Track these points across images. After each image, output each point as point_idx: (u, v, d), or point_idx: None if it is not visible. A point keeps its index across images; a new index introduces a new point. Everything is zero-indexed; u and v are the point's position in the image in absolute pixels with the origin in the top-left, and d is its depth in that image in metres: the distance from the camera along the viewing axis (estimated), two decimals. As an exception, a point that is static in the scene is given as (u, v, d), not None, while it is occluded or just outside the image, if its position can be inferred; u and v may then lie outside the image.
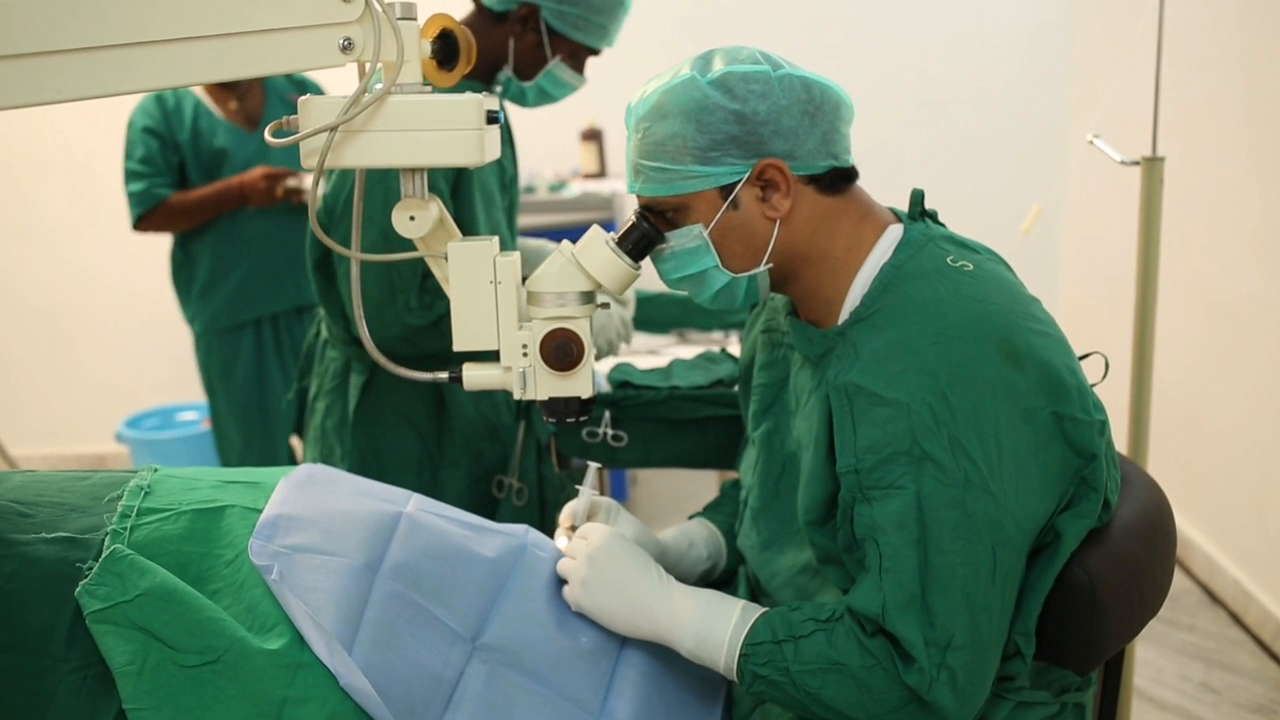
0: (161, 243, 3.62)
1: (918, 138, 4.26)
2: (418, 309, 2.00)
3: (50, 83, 1.07)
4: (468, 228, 2.04)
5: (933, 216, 1.44)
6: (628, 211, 3.94)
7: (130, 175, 3.09)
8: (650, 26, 3.76)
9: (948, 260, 1.34)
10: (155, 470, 1.39)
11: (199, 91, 3.15)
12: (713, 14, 4.25)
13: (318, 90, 3.24)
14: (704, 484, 3.74)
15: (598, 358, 2.17)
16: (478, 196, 2.07)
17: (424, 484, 2.21)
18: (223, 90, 3.18)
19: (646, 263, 1.40)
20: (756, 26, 4.22)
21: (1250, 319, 3.11)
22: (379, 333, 1.98)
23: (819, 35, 4.19)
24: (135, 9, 1.09)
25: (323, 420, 2.28)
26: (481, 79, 2.13)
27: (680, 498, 4.05)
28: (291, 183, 3.10)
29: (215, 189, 3.10)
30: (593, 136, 4.19)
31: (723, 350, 2.24)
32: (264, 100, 3.25)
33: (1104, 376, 1.47)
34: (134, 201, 3.10)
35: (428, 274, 1.99)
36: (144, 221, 3.12)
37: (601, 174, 4.22)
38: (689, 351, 2.37)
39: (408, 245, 1.40)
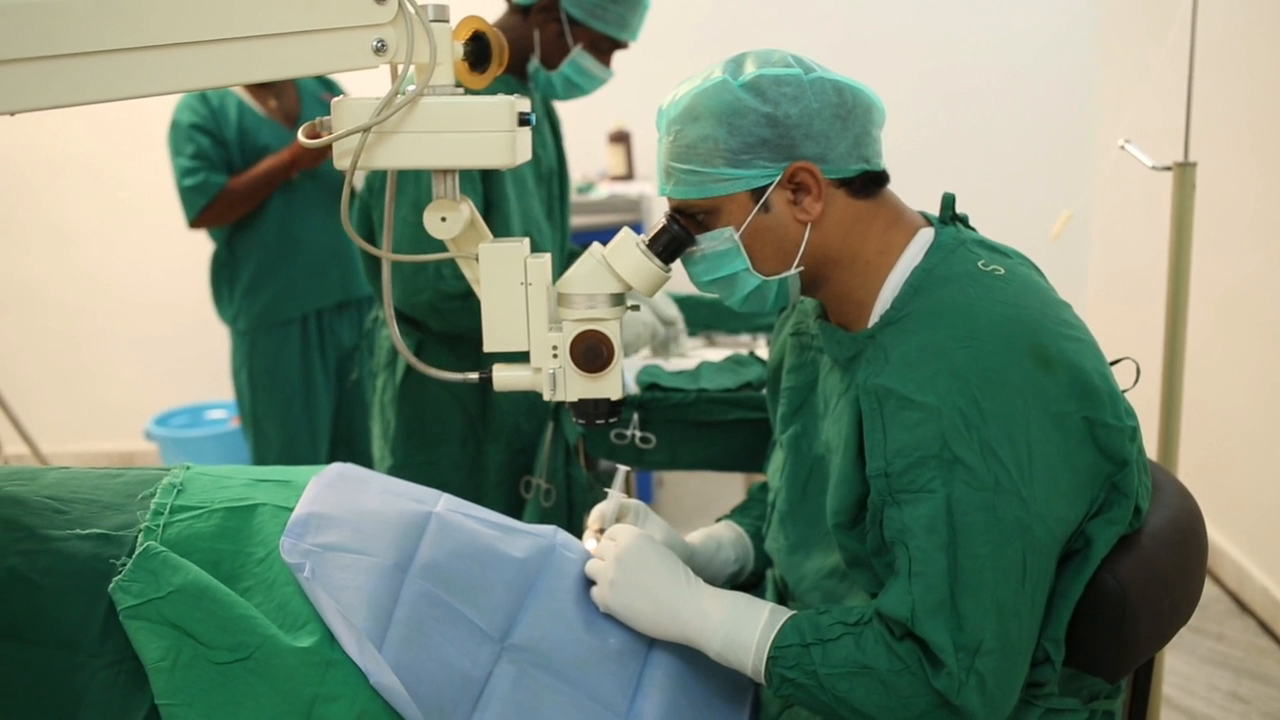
0: (189, 243, 3.65)
1: (945, 142, 4.24)
2: (449, 276, 2.03)
3: (91, 83, 1.08)
4: (498, 211, 2.07)
5: (964, 221, 1.44)
6: (655, 214, 3.96)
7: (184, 172, 3.09)
8: (677, 28, 3.78)
9: (979, 264, 1.33)
10: (187, 468, 1.41)
11: (240, 90, 3.18)
12: (738, 16, 4.25)
13: (340, 91, 3.28)
14: (729, 487, 3.74)
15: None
16: (509, 182, 2.11)
17: (468, 455, 2.29)
18: (261, 89, 3.22)
19: (676, 265, 1.40)
20: (782, 29, 4.22)
21: (1282, 326, 3.09)
22: (410, 299, 2.05)
23: (845, 38, 4.18)
24: (174, 11, 1.10)
25: (380, 395, 2.37)
26: (514, 72, 2.19)
27: (706, 500, 4.05)
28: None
29: (265, 165, 3.12)
30: (620, 139, 4.19)
31: (751, 353, 2.24)
32: (299, 99, 3.29)
33: (1135, 382, 1.46)
34: (193, 195, 3.09)
35: None
36: (204, 214, 3.12)
37: (629, 176, 4.22)
38: (717, 354, 2.37)
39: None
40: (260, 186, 3.13)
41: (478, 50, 1.28)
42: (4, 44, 1.03)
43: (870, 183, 1.37)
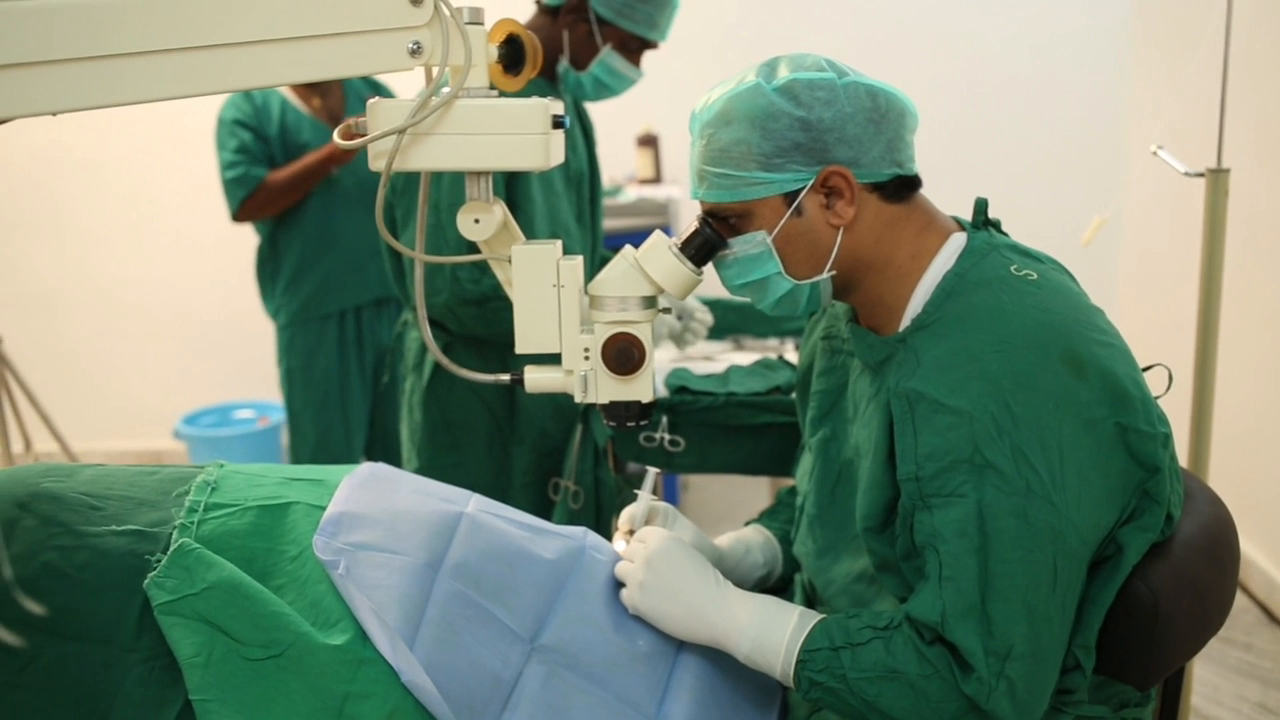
0: (219, 244, 3.68)
1: (976, 147, 4.22)
2: (466, 278, 2.04)
3: (134, 84, 1.09)
4: (522, 214, 2.08)
5: (996, 225, 1.44)
6: (684, 217, 3.96)
7: (226, 165, 3.15)
8: (705, 32, 3.78)
9: (1011, 269, 1.33)
10: (221, 466, 1.42)
11: (284, 89, 3.21)
12: (766, 21, 4.25)
13: (389, 93, 3.31)
14: (755, 491, 3.74)
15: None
16: (535, 185, 2.12)
17: (494, 458, 2.30)
18: (306, 87, 3.26)
19: (707, 268, 1.40)
20: (810, 32, 4.21)
21: (1314, 334, 3.07)
22: (427, 299, 2.04)
23: (876, 41, 4.17)
24: (216, 13, 1.11)
25: (409, 397, 2.37)
26: (543, 74, 2.20)
27: (731, 504, 4.05)
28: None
29: (305, 160, 3.15)
30: (648, 142, 4.19)
31: (780, 357, 2.24)
32: (344, 99, 3.33)
33: (1167, 389, 1.45)
34: (235, 187, 3.14)
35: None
36: (245, 206, 3.16)
37: (657, 179, 4.22)
38: (745, 358, 2.37)
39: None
40: (300, 181, 3.16)
41: (512, 53, 1.29)
42: (49, 45, 1.04)
43: (903, 187, 1.37)
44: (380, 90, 3.36)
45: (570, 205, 2.31)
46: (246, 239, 3.46)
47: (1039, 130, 4.29)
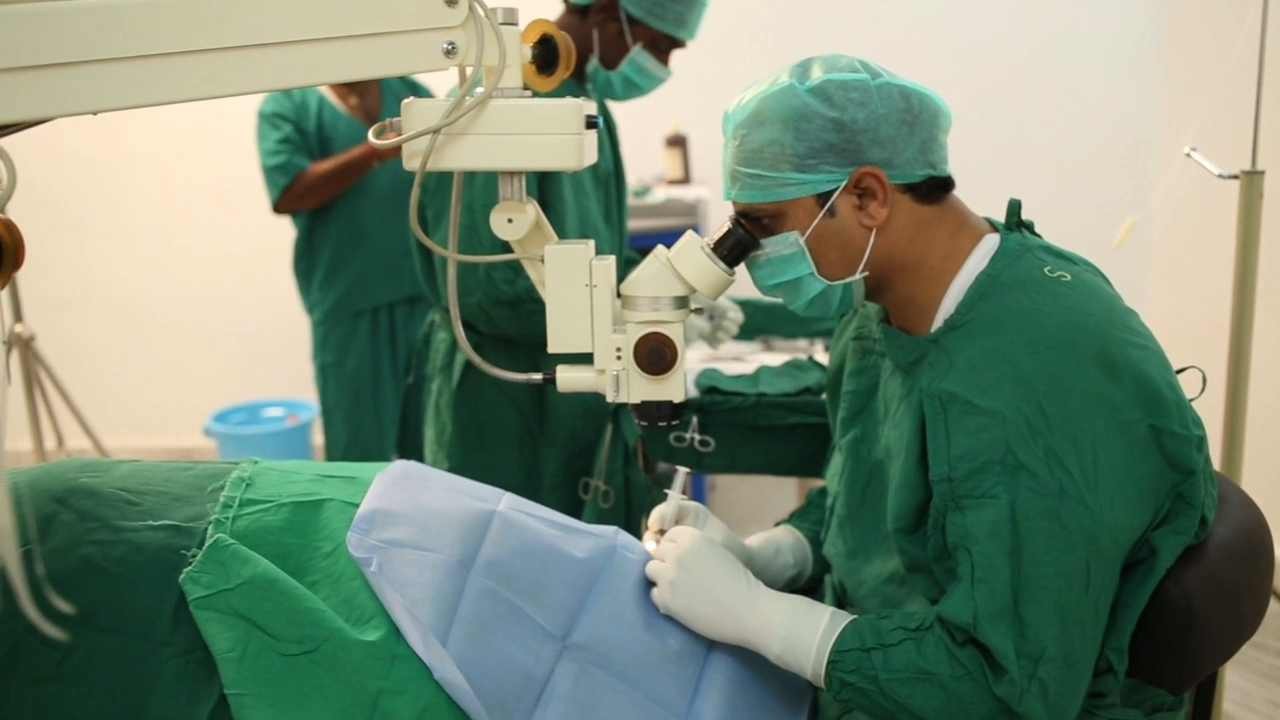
0: (251, 243, 3.70)
1: (1007, 148, 4.20)
2: (501, 279, 2.05)
3: (171, 83, 1.10)
4: (554, 213, 2.09)
5: (1029, 227, 1.43)
6: (712, 217, 3.96)
7: (269, 153, 3.17)
8: (733, 32, 3.77)
9: (1045, 270, 1.33)
10: (255, 462, 1.43)
11: (322, 87, 3.23)
12: (794, 21, 4.24)
13: (427, 93, 3.33)
14: (782, 492, 3.73)
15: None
16: (566, 185, 2.13)
17: (524, 459, 2.30)
18: (344, 87, 3.28)
19: (739, 269, 1.40)
20: (839, 33, 4.20)
21: (1348, 337, 3.04)
22: (460, 299, 2.04)
23: (906, 42, 4.15)
24: (252, 14, 1.12)
25: (436, 399, 2.39)
26: (573, 74, 2.20)
27: (759, 505, 4.04)
28: None
29: (346, 155, 3.18)
30: (677, 142, 4.19)
31: (810, 358, 2.23)
32: (381, 98, 3.35)
33: (1201, 391, 1.45)
34: (277, 174, 3.16)
35: None
36: (286, 195, 3.18)
37: (686, 180, 4.22)
38: (774, 358, 2.37)
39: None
40: (342, 173, 3.18)
41: (545, 53, 1.29)
42: (88, 46, 1.05)
43: (936, 188, 1.37)
44: (417, 90, 3.37)
45: (599, 205, 2.32)
46: (276, 238, 3.49)
47: (1072, 132, 4.26)
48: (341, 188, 3.22)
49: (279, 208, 3.22)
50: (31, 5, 1.03)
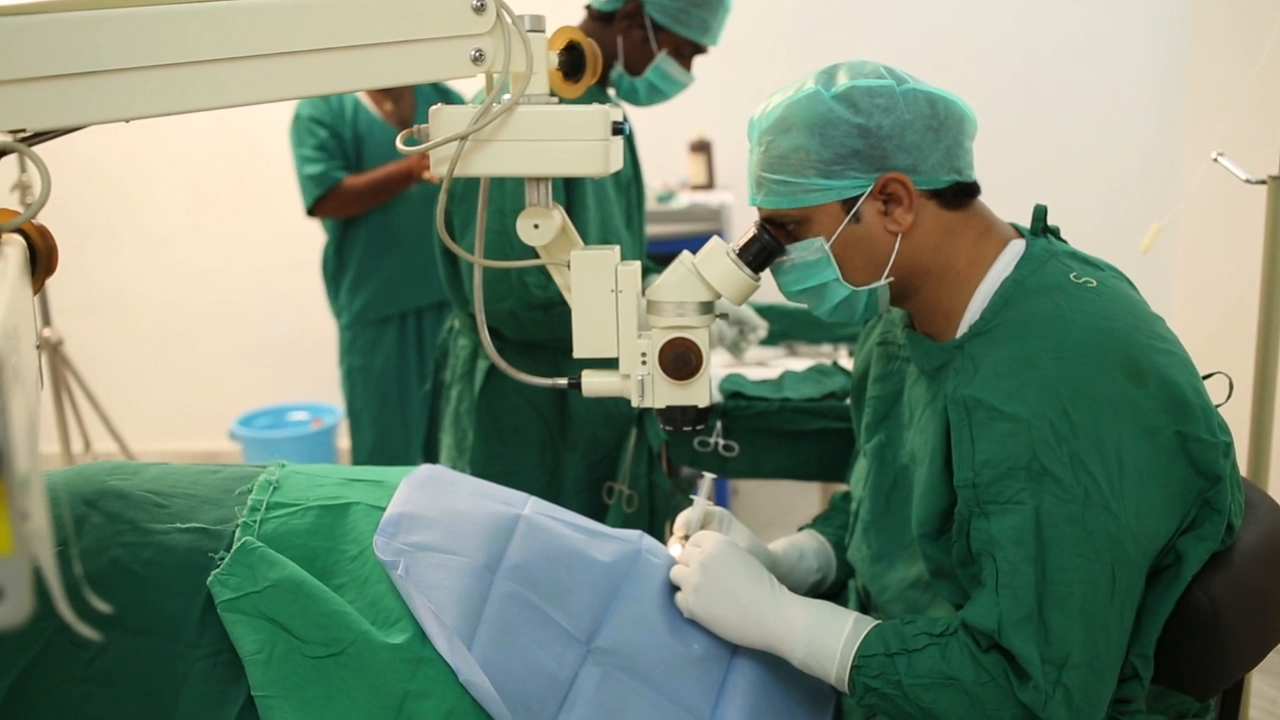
0: (276, 247, 3.71)
1: (1033, 154, 4.19)
2: (534, 284, 2.05)
3: (206, 90, 1.11)
4: (577, 220, 2.10)
5: (1055, 233, 1.43)
6: (736, 223, 3.95)
7: (304, 160, 3.18)
8: (756, 38, 3.77)
9: (1070, 276, 1.33)
10: (283, 466, 1.44)
11: (358, 93, 3.24)
12: (816, 26, 4.24)
13: (459, 99, 3.33)
14: (806, 497, 3.73)
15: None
16: (590, 190, 2.13)
17: (546, 465, 2.29)
18: (379, 92, 3.29)
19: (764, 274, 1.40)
20: (861, 38, 4.19)
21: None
22: (491, 305, 2.05)
23: (929, 48, 4.15)
24: (285, 22, 1.13)
25: (456, 405, 2.39)
26: (598, 79, 2.22)
27: (782, 510, 4.04)
28: None
29: (385, 170, 3.19)
30: (701, 148, 4.19)
31: (834, 363, 2.24)
32: (415, 104, 3.36)
33: (1228, 397, 1.44)
34: (312, 184, 3.17)
35: None
36: (320, 204, 3.19)
37: (709, 186, 4.22)
38: (799, 364, 2.37)
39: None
40: (377, 190, 3.19)
41: (572, 60, 1.30)
42: (122, 54, 1.07)
43: (961, 194, 1.37)
44: (449, 97, 3.38)
45: (620, 211, 2.32)
46: (302, 244, 3.50)
47: (1097, 137, 4.25)
48: (375, 204, 3.23)
49: (313, 213, 3.23)
50: (65, 14, 1.04)
